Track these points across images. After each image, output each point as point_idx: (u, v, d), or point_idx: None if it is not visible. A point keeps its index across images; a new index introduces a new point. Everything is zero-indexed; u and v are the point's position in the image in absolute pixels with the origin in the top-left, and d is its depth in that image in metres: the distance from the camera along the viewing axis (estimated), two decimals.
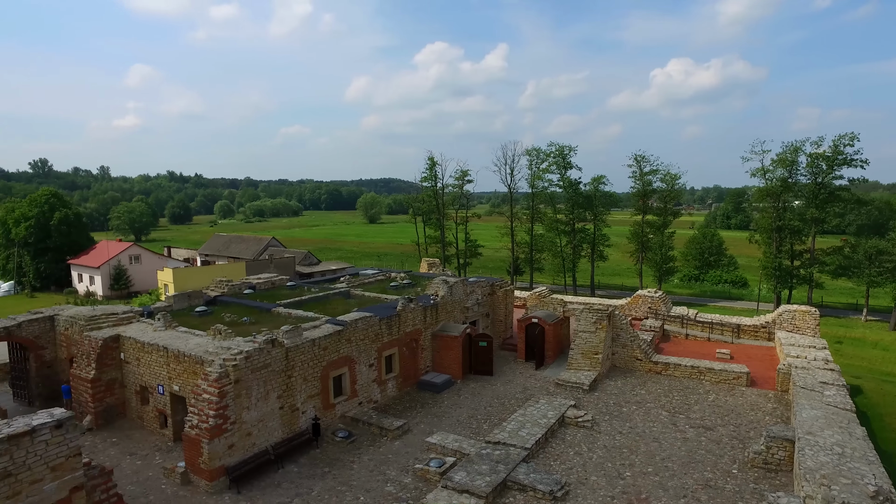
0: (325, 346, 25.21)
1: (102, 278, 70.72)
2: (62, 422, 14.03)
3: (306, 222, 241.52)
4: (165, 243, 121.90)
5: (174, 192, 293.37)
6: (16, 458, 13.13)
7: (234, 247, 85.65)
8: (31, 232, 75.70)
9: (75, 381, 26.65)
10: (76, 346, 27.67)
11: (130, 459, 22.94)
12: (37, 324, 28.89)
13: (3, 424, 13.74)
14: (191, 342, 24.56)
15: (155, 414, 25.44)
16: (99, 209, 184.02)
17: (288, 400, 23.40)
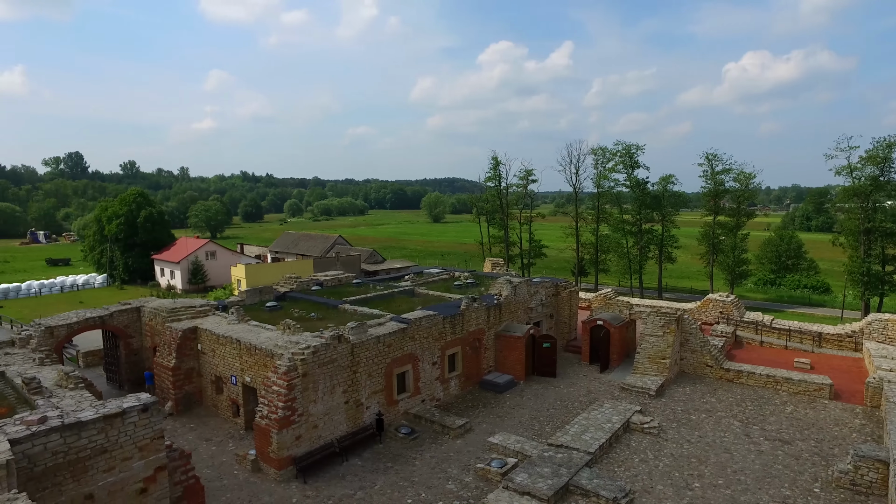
0: (389, 343, 25.67)
1: (182, 273, 74.66)
2: (148, 406, 14.98)
3: (372, 221, 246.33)
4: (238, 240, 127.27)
5: (247, 191, 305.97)
6: (110, 435, 14.18)
7: (302, 244, 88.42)
8: (121, 229, 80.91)
9: (158, 368, 28.35)
10: (159, 335, 29.41)
11: (206, 445, 24.16)
12: (126, 314, 30.90)
13: (100, 405, 14.83)
14: (261, 336, 25.59)
15: (228, 403, 26.67)
16: (179, 207, 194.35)
17: (353, 395, 23.98)
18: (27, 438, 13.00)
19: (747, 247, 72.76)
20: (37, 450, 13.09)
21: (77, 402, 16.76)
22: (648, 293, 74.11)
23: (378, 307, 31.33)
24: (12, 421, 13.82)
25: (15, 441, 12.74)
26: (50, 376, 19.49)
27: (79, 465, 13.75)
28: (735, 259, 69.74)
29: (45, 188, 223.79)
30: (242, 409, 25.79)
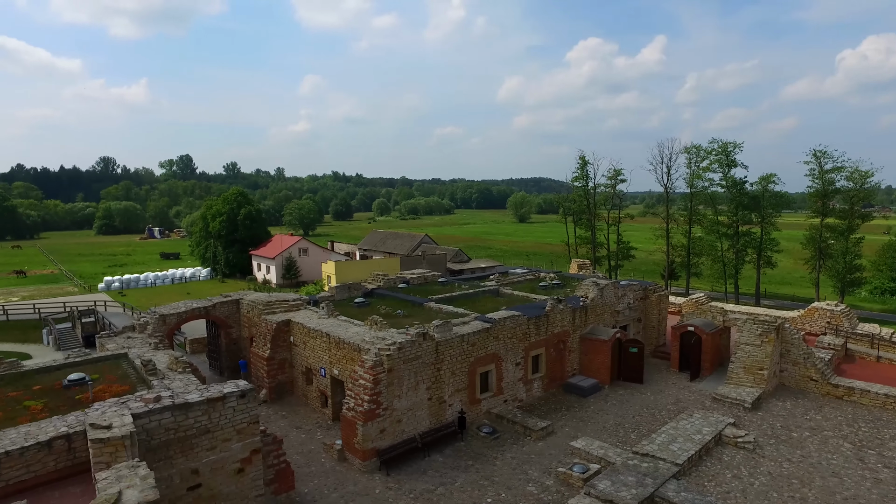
0: (473, 342, 25.88)
1: (276, 268, 78.74)
2: (245, 392, 16.03)
3: (457, 220, 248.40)
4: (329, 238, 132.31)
5: (337, 190, 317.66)
6: (212, 417, 15.33)
7: (389, 242, 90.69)
8: (223, 226, 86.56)
9: (254, 358, 30.15)
10: (255, 327, 31.26)
11: (296, 432, 25.43)
12: (226, 306, 33.08)
13: (204, 389, 16.05)
14: (350, 330, 26.58)
15: (317, 394, 27.92)
16: (275, 206, 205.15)
17: (436, 392, 24.40)
18: (146, 414, 14.32)
19: (861, 252, 66.88)
20: (153, 425, 14.39)
21: (185, 384, 18.22)
22: (745, 299, 69.95)
23: (463, 306, 31.64)
24: (133, 398, 15.28)
25: (136, 416, 14.08)
26: (163, 360, 21.27)
27: (186, 442, 14.95)
28: (846, 265, 64.31)
29: (161, 188, 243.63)
30: (330, 401, 26.91)
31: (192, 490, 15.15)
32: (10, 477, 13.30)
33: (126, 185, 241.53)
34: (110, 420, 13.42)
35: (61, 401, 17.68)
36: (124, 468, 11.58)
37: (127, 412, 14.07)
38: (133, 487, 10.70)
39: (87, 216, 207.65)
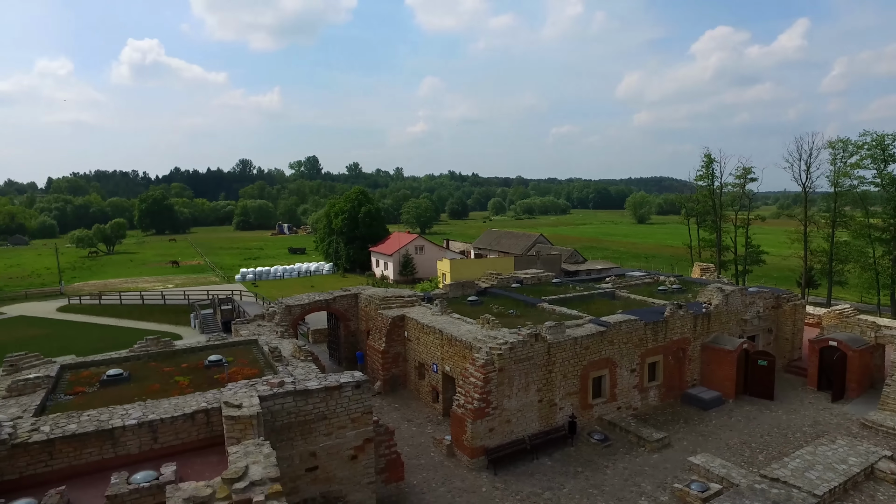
0: (586, 345, 25.23)
1: (394, 265, 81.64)
2: (360, 383, 16.78)
3: (573, 220, 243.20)
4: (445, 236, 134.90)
5: (454, 189, 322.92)
6: (329, 404, 16.22)
7: (504, 242, 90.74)
8: (345, 223, 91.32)
9: (370, 350, 31.48)
10: (372, 321, 32.62)
11: (408, 425, 26.22)
12: (346, 299, 34.83)
13: (322, 378, 17.04)
14: (462, 328, 26.92)
15: (429, 389, 28.58)
16: (393, 205, 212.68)
17: (547, 394, 24.06)
18: (271, 397, 15.46)
19: None
20: (277, 408, 15.50)
21: (306, 372, 19.41)
22: None
23: (577, 308, 30.94)
24: (261, 381, 16.57)
25: (262, 398, 15.25)
26: (287, 348, 22.82)
27: (305, 427, 15.94)
28: None
29: (290, 187, 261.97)
30: (441, 396, 27.44)
31: (309, 471, 16.14)
32: (164, 441, 15.02)
33: (260, 184, 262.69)
34: (241, 400, 14.64)
35: (203, 378, 19.56)
36: (251, 445, 12.58)
37: (255, 394, 15.27)
38: (258, 463, 11.59)
39: (227, 213, 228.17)
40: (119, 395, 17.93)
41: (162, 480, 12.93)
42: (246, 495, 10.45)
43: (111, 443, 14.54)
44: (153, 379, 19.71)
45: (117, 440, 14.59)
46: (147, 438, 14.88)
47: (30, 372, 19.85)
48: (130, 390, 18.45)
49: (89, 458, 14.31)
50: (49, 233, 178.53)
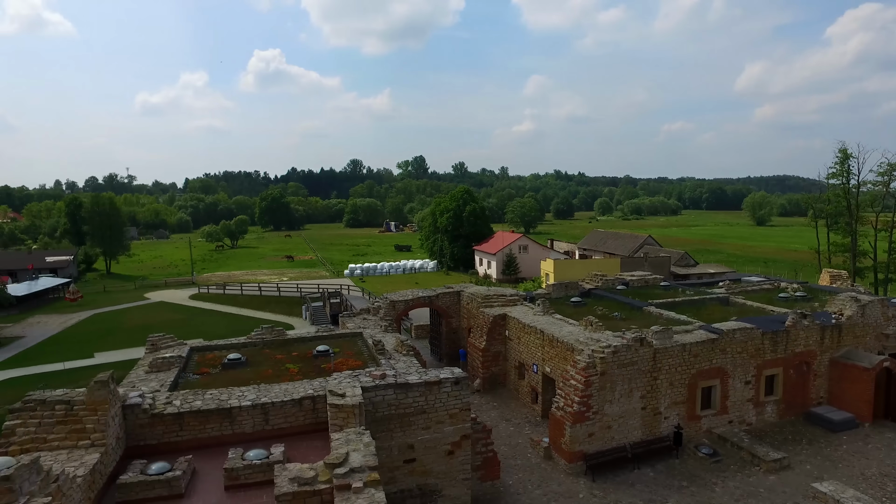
0: (696, 352, 23.84)
1: (497, 263, 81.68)
2: (459, 380, 16.95)
3: (684, 221, 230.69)
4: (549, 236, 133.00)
5: (559, 189, 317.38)
6: (429, 399, 16.55)
7: (610, 243, 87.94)
8: (450, 222, 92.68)
9: (471, 348, 31.71)
10: (473, 318, 32.83)
11: (505, 424, 26.13)
12: (448, 296, 35.33)
13: (423, 372, 17.42)
14: (564, 329, 26.40)
15: (528, 389, 28.31)
16: (498, 204, 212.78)
17: (651, 402, 23.02)
18: (373, 388, 16.04)
19: None
20: (378, 399, 16.05)
21: (407, 366, 19.90)
22: None
23: (686, 313, 29.33)
24: (364, 373, 17.23)
25: (365, 389, 15.86)
26: (390, 341, 23.52)
27: (405, 419, 16.37)
28: None
29: (397, 187, 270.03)
30: (541, 398, 27.08)
31: (407, 463, 16.56)
32: (274, 423, 16.09)
33: (369, 184, 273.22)
34: (345, 389, 15.29)
35: (311, 367, 20.66)
36: (353, 433, 13.11)
37: (358, 385, 15.91)
38: (358, 451, 12.06)
39: (338, 211, 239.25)
40: (237, 377, 19.38)
41: (271, 459, 13.82)
42: (346, 481, 10.90)
43: (229, 421, 15.77)
44: (267, 365, 21.10)
45: (234, 419, 15.80)
46: (259, 419, 15.98)
47: (166, 352, 21.97)
48: (247, 374, 19.88)
49: (211, 433, 15.62)
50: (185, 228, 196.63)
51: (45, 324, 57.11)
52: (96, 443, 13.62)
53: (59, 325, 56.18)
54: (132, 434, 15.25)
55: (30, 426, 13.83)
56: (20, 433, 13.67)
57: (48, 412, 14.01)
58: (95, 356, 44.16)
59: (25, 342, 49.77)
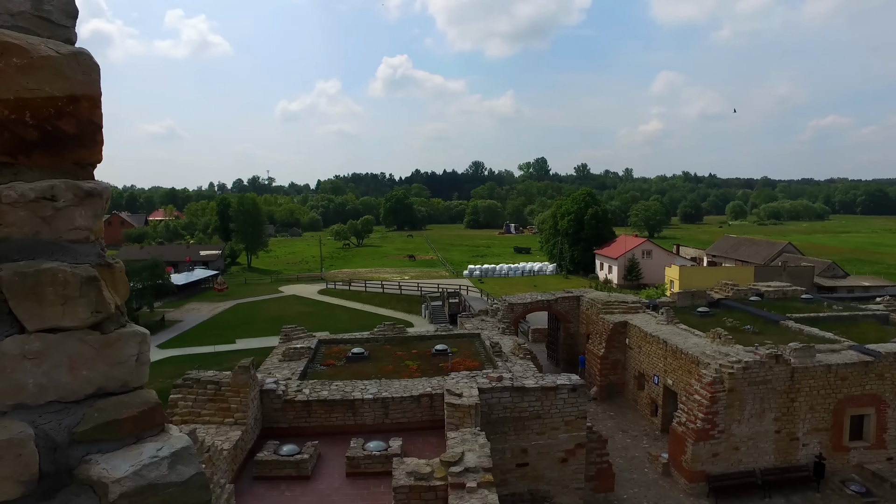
0: (844, 375, 21.55)
1: (618, 268, 78.88)
2: (576, 387, 16.72)
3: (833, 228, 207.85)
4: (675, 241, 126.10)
5: (687, 191, 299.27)
6: (544, 404, 16.51)
7: (743, 250, 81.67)
8: (571, 224, 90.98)
9: (589, 355, 31.00)
10: (592, 325, 32.05)
11: (622, 436, 25.25)
12: (567, 301, 34.79)
13: (539, 377, 17.40)
14: (689, 341, 25.02)
15: (648, 401, 27.14)
16: (621, 207, 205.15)
17: (786, 425, 21.16)
18: (489, 391, 16.29)
19: None
20: (494, 401, 16.27)
21: (524, 370, 19.93)
22: None
23: (832, 330, 26.56)
24: (481, 374, 17.53)
25: (481, 390, 16.15)
26: (507, 344, 23.66)
27: (519, 423, 16.42)
28: None
29: (518, 188, 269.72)
30: (661, 411, 25.87)
31: (519, 467, 16.60)
32: (393, 417, 16.89)
33: (490, 185, 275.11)
34: (462, 389, 15.67)
35: (429, 365, 21.35)
36: (468, 433, 13.41)
37: (475, 385, 16.21)
38: (473, 451, 12.32)
39: (459, 212, 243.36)
40: (360, 370, 20.51)
41: (389, 452, 14.52)
42: (460, 479, 11.20)
43: (352, 412, 16.77)
44: (388, 360, 22.11)
45: (357, 410, 16.77)
46: (380, 412, 16.82)
47: (297, 342, 23.76)
48: (369, 368, 20.96)
49: (335, 422, 16.72)
50: (316, 226, 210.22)
51: (198, 310, 63.81)
52: (238, 421, 15.11)
53: (208, 312, 62.53)
54: (267, 416, 16.73)
55: (188, 401, 15.67)
56: (181, 406, 15.52)
57: (202, 390, 15.78)
58: (237, 342, 48.58)
59: (183, 325, 55.98)
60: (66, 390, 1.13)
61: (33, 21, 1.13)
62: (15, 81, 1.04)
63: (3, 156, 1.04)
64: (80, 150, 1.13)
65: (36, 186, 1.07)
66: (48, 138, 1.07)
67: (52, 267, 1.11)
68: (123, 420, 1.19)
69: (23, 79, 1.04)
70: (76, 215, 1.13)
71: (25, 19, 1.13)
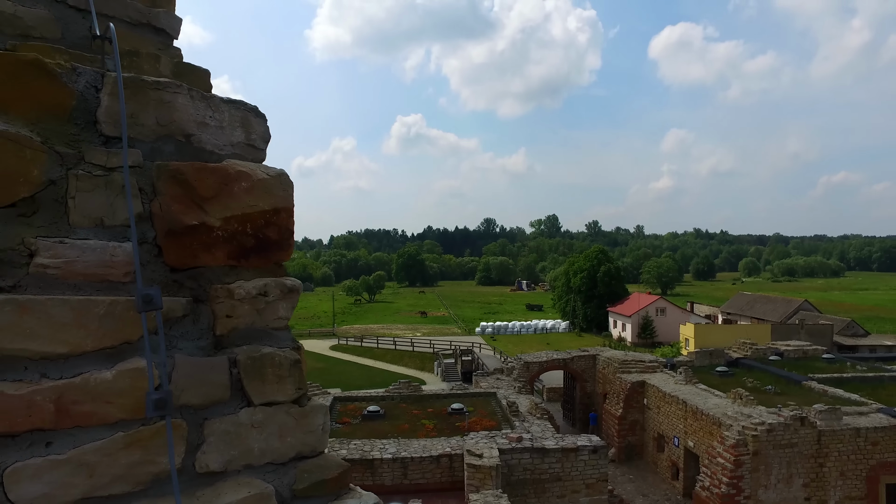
0: (874, 440, 20.96)
1: (632, 326, 78.18)
2: (597, 448, 16.52)
3: (850, 284, 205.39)
4: (689, 298, 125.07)
5: (699, 248, 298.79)
6: (565, 466, 16.28)
7: (758, 307, 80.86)
8: (583, 282, 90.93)
9: (606, 415, 30.49)
10: (609, 384, 31.67)
11: (643, 500, 24.54)
12: (583, 360, 34.51)
13: (559, 438, 17.21)
14: (709, 401, 24.63)
15: (668, 464, 26.48)
16: (633, 263, 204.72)
17: (816, 492, 20.52)
18: (510, 451, 16.14)
19: None
20: (514, 462, 16.08)
21: (542, 430, 19.70)
22: None
23: (858, 392, 26.00)
24: (500, 434, 17.39)
25: (502, 451, 16.00)
26: (524, 403, 23.47)
27: (539, 485, 16.16)
28: None
29: (530, 245, 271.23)
30: (682, 474, 25.20)
31: None
32: (412, 477, 16.69)
33: (502, 242, 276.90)
34: (482, 450, 15.54)
35: (445, 424, 21.17)
36: (490, 495, 13.26)
37: (495, 446, 16.07)
38: None
39: (471, 269, 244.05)
40: (376, 429, 20.36)
41: None
42: None
43: (370, 471, 16.61)
44: (404, 419, 21.95)
45: (375, 470, 16.61)
46: (399, 473, 16.63)
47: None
48: (384, 427, 20.81)
49: (353, 482, 16.52)
50: (328, 281, 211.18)
51: None
52: None
53: None
54: None
55: None
56: None
57: None
58: None
59: None
60: (277, 454, 1.40)
61: (244, 148, 1.47)
62: (243, 201, 1.36)
63: (232, 260, 1.36)
64: (280, 252, 1.45)
65: (256, 284, 1.37)
66: (260, 244, 1.39)
67: (271, 352, 1.41)
68: (329, 480, 1.47)
69: (248, 198, 1.37)
70: (280, 307, 1.44)
71: (241, 147, 1.47)
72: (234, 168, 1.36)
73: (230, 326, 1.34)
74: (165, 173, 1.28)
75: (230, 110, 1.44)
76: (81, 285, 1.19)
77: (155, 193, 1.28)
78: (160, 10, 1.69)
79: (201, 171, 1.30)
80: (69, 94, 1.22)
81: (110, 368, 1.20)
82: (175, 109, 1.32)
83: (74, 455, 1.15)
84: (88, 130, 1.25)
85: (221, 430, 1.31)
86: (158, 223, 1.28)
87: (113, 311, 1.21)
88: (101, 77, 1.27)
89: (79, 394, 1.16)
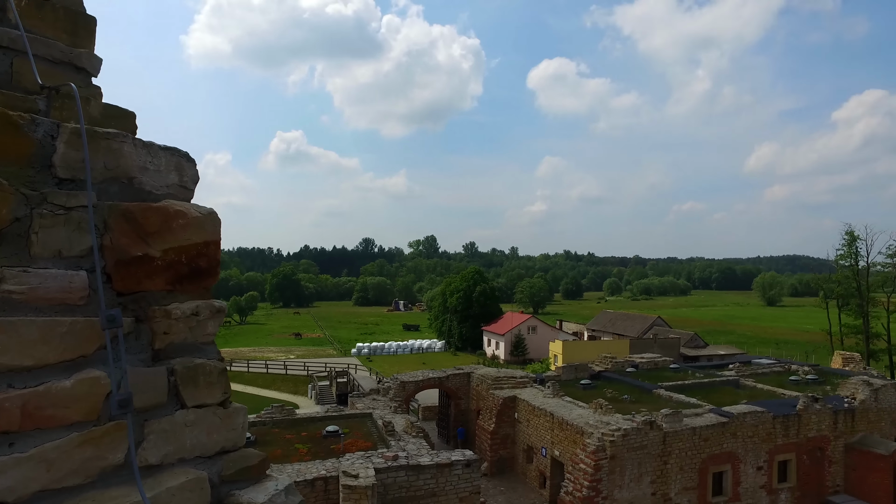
0: (706, 436, 23.83)
1: (505, 344, 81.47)
2: (470, 462, 17.20)
3: (694, 302, 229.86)
4: (558, 317, 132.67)
5: (568, 269, 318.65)
6: (440, 481, 16.74)
7: (619, 324, 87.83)
8: (459, 302, 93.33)
9: (479, 431, 31.59)
10: (483, 400, 32.88)
11: None
12: (458, 378, 35.51)
13: (434, 454, 17.68)
14: (574, 412, 26.50)
15: (536, 473, 28.02)
16: (507, 284, 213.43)
17: (661, 487, 22.83)
18: (385, 470, 16.30)
19: None
20: (389, 481, 16.27)
21: (417, 448, 20.10)
22: None
23: (696, 396, 29.39)
24: (376, 454, 17.51)
25: (377, 470, 16.12)
26: (400, 422, 23.75)
27: (415, 502, 16.50)
28: None
29: (408, 266, 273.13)
30: (549, 482, 26.78)
31: None
32: None
33: (380, 262, 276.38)
34: (358, 470, 15.59)
35: (320, 447, 20.85)
36: None
37: (370, 466, 16.18)
38: None
39: (348, 289, 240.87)
40: None
41: None
42: None
43: None
44: (276, 444, 21.31)
45: None
46: None
47: None
48: None
49: None
50: None
51: None
52: None
53: None
54: None
55: None
56: None
57: None
58: None
59: None
60: (206, 448, 1.65)
61: (178, 189, 1.73)
62: (180, 236, 1.62)
63: (169, 286, 1.61)
64: (209, 278, 1.72)
65: (189, 306, 1.63)
66: (193, 272, 1.65)
67: (202, 362, 1.67)
68: (252, 467, 1.75)
69: (184, 233, 1.63)
70: (209, 325, 1.71)
71: (175, 188, 1.72)
72: (174, 207, 1.63)
73: (167, 342, 1.60)
74: (117, 212, 1.53)
75: (167, 156, 1.71)
76: (43, 308, 1.41)
77: (106, 229, 1.53)
78: (82, 50, 1.90)
79: (147, 210, 1.57)
80: (30, 143, 1.44)
81: (69, 378, 1.42)
82: (122, 156, 1.58)
83: (36, 453, 1.36)
84: (44, 174, 1.48)
85: (160, 429, 1.57)
86: (108, 254, 1.52)
87: (73, 330, 1.44)
88: (56, 127, 1.49)
89: (42, 400, 1.37)
